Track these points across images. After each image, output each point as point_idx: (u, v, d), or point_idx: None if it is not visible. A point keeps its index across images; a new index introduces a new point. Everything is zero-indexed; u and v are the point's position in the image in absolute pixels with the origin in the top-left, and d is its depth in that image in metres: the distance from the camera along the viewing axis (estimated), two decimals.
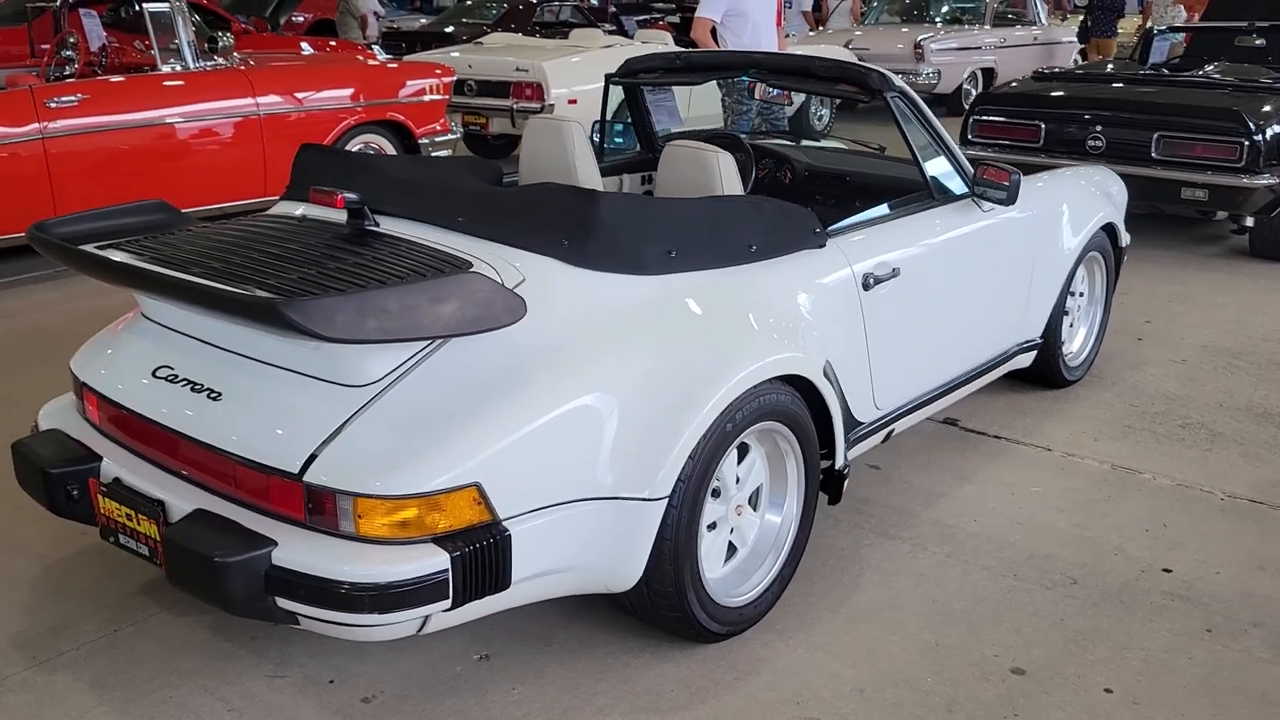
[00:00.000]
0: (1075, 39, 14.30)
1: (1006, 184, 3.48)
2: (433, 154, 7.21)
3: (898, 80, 3.49)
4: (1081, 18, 14.91)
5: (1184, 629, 2.85)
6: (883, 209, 3.36)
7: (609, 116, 4.33)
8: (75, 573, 3.02)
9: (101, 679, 2.60)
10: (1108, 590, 3.02)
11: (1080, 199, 4.20)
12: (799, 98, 9.32)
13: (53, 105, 5.68)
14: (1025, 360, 4.12)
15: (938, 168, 3.56)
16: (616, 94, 4.31)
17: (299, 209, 2.92)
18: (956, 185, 3.60)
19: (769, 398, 2.65)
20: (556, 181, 3.41)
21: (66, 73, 6.52)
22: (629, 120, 4.38)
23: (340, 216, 2.74)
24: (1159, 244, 6.82)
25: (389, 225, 2.73)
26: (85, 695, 2.55)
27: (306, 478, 2.22)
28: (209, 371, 2.50)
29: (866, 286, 3.10)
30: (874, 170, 4.17)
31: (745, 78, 3.82)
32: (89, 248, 2.58)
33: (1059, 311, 4.16)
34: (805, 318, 2.90)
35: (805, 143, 4.55)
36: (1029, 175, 4.28)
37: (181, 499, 2.39)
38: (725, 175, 3.09)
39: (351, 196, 2.67)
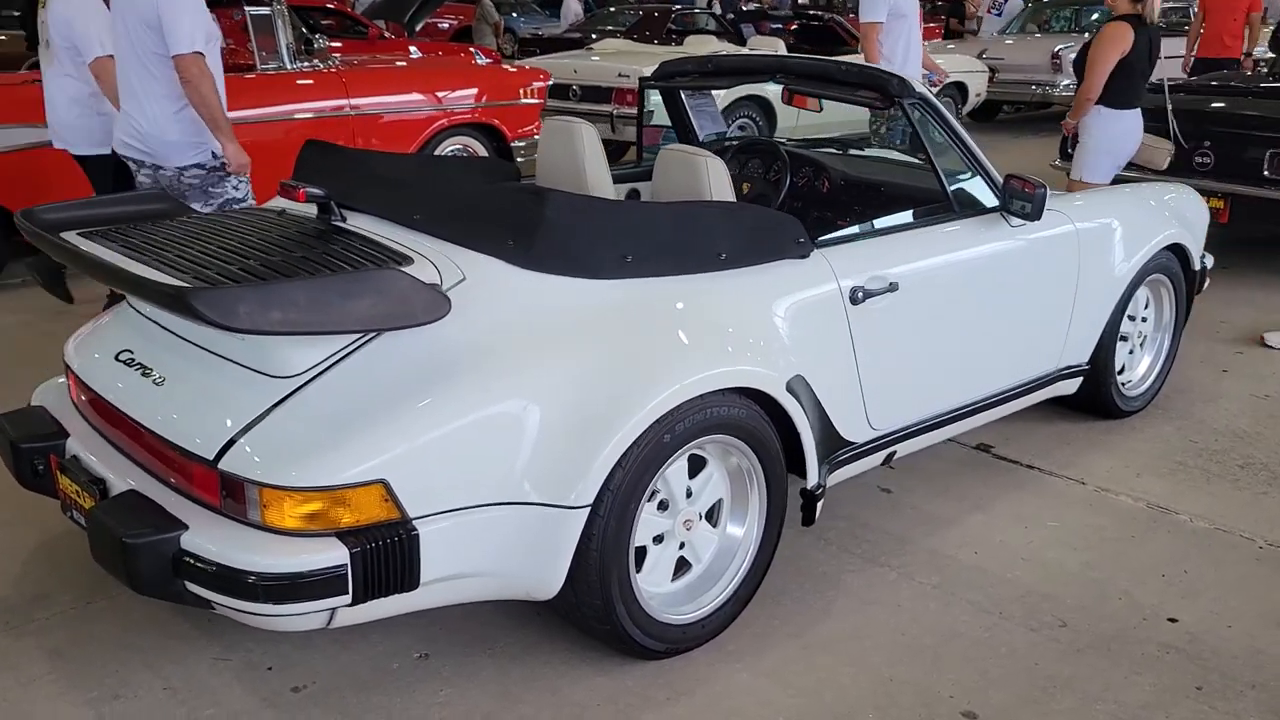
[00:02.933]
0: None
1: (1031, 196, 3.28)
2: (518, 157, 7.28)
3: (919, 87, 3.33)
4: (1275, 28, 13.92)
5: (1171, 684, 2.62)
6: (887, 220, 3.21)
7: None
8: (66, 548, 3.14)
9: (60, 649, 2.71)
10: (1098, 636, 2.80)
11: (1137, 216, 3.93)
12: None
13: None
14: (1069, 387, 3.88)
15: (961, 179, 3.39)
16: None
17: (285, 203, 2.98)
18: (984, 198, 3.41)
19: (718, 410, 2.56)
20: (566, 185, 3.42)
21: None
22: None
23: (315, 211, 2.79)
24: (1276, 270, 6.33)
25: (356, 221, 2.75)
26: (40, 663, 2.65)
27: (221, 465, 2.25)
28: (161, 357, 2.57)
29: (855, 300, 2.96)
30: (915, 182, 3.99)
31: (773, 83, 3.70)
32: (68, 235, 2.69)
33: (1111, 336, 3.90)
34: (776, 329, 2.79)
35: (851, 152, 4.39)
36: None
37: (122, 479, 2.46)
38: (714, 180, 3.00)
39: (315, 191, 2.70)
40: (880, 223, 3.19)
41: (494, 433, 2.33)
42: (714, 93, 4.49)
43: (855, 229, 3.11)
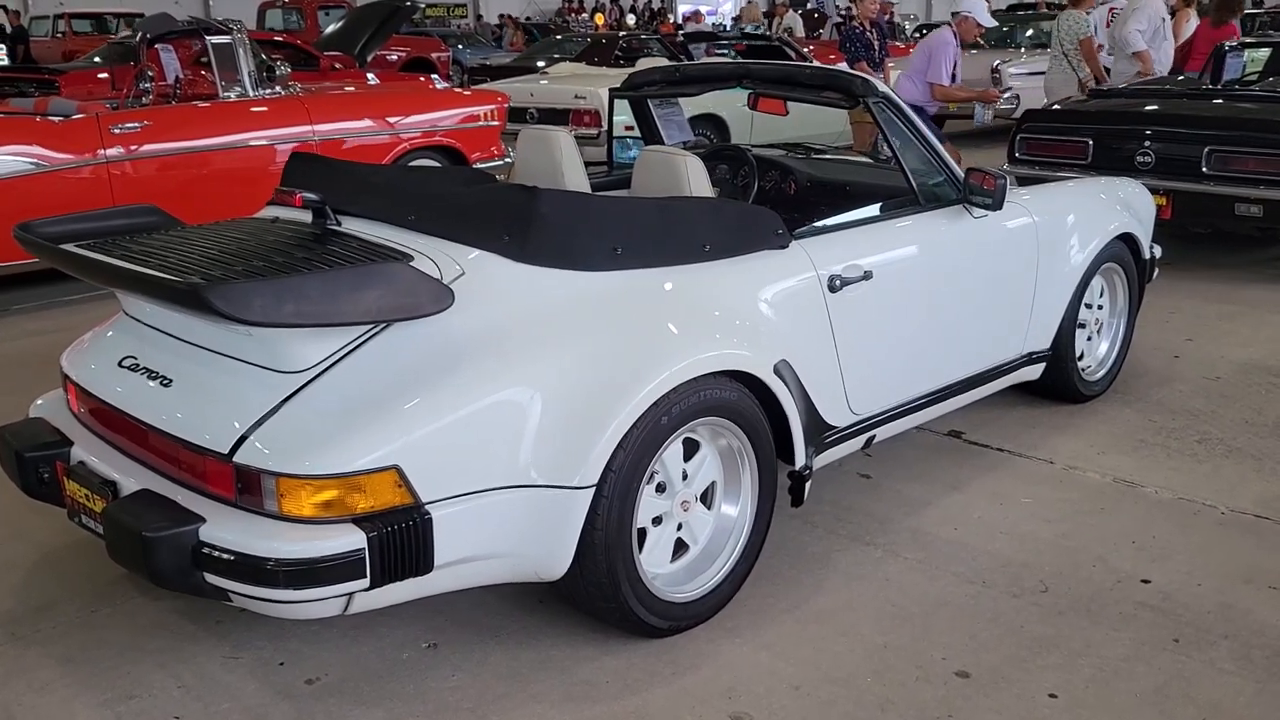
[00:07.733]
0: None
1: (993, 189, 3.44)
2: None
3: (881, 86, 3.48)
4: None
5: (1149, 638, 2.75)
6: (859, 213, 3.35)
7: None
8: (68, 560, 3.17)
9: (70, 655, 2.73)
10: (1077, 599, 2.93)
11: (1090, 207, 4.11)
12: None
13: (117, 131, 6.01)
14: (1034, 372, 4.03)
15: (925, 174, 3.54)
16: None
17: (277, 212, 3.05)
18: (945, 191, 3.56)
19: (711, 393, 2.66)
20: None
21: (143, 103, 6.88)
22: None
23: (309, 217, 2.86)
24: (1218, 263, 6.60)
25: (351, 225, 2.83)
26: (51, 669, 2.68)
27: (236, 458, 2.32)
28: (166, 361, 2.63)
29: (833, 288, 3.09)
30: (877, 180, 4.14)
31: (739, 88, 3.84)
32: (68, 246, 2.74)
33: (1070, 323, 4.07)
34: (761, 316, 2.91)
35: (814, 155, 4.54)
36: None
37: (132, 480, 2.51)
38: (694, 178, 3.12)
39: (310, 196, 2.78)
40: (852, 215, 3.32)
41: (501, 418, 2.42)
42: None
43: (829, 221, 3.24)
